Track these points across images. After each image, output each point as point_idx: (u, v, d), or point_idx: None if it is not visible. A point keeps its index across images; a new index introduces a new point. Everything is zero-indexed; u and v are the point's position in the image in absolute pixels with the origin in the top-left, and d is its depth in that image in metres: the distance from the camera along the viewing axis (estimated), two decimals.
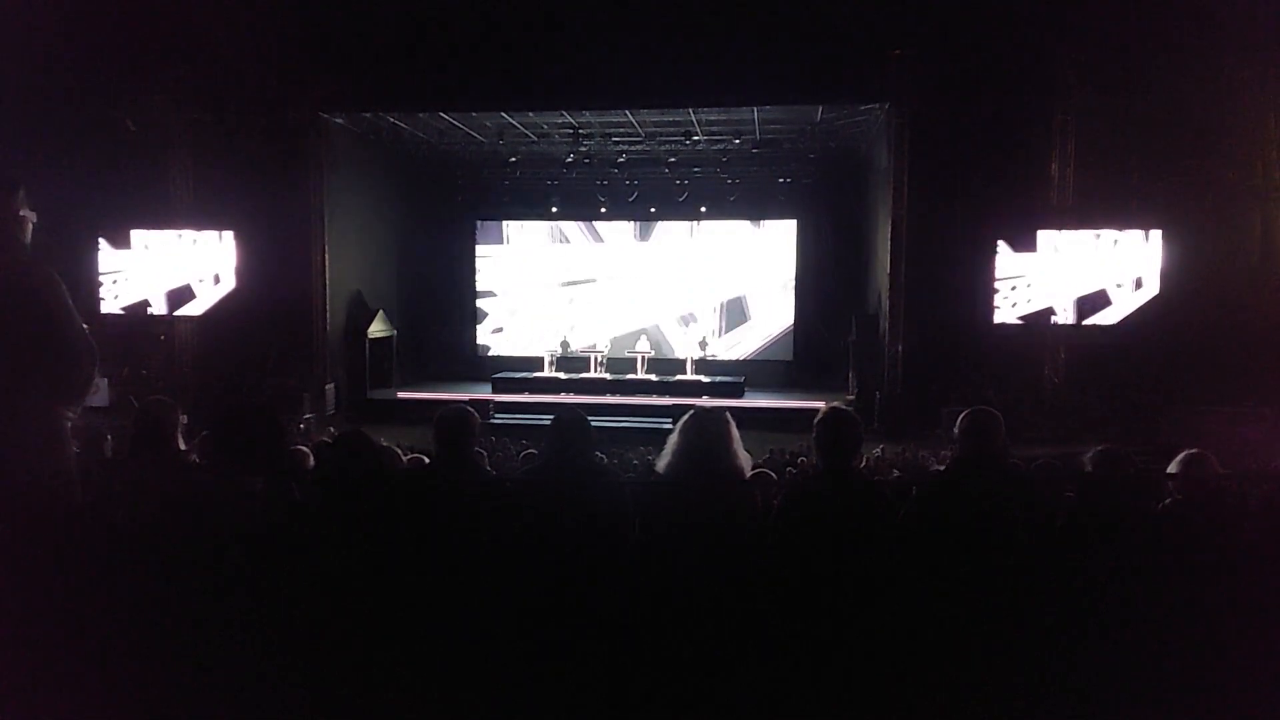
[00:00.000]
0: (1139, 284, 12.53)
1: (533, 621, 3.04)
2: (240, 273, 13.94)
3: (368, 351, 15.85)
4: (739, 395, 15.87)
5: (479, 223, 19.66)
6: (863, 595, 3.05)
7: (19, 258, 3.07)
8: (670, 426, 3.78)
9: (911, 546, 3.38)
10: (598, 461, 4.46)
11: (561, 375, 17.15)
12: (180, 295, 14.11)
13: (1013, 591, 3.03)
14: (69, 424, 3.12)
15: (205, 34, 12.83)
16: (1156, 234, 12.41)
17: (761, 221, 18.72)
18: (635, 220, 18.95)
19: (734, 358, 18.71)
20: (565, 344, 18.14)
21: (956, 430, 3.89)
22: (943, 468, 5.75)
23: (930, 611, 2.98)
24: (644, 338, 18.32)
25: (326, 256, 14.42)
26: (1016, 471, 4.23)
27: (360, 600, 3.13)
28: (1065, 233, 12.70)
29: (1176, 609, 2.95)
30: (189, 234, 14.00)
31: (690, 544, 3.22)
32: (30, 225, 3.15)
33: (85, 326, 3.09)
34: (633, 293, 19.24)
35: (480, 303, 19.81)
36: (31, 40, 11.99)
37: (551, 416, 4.01)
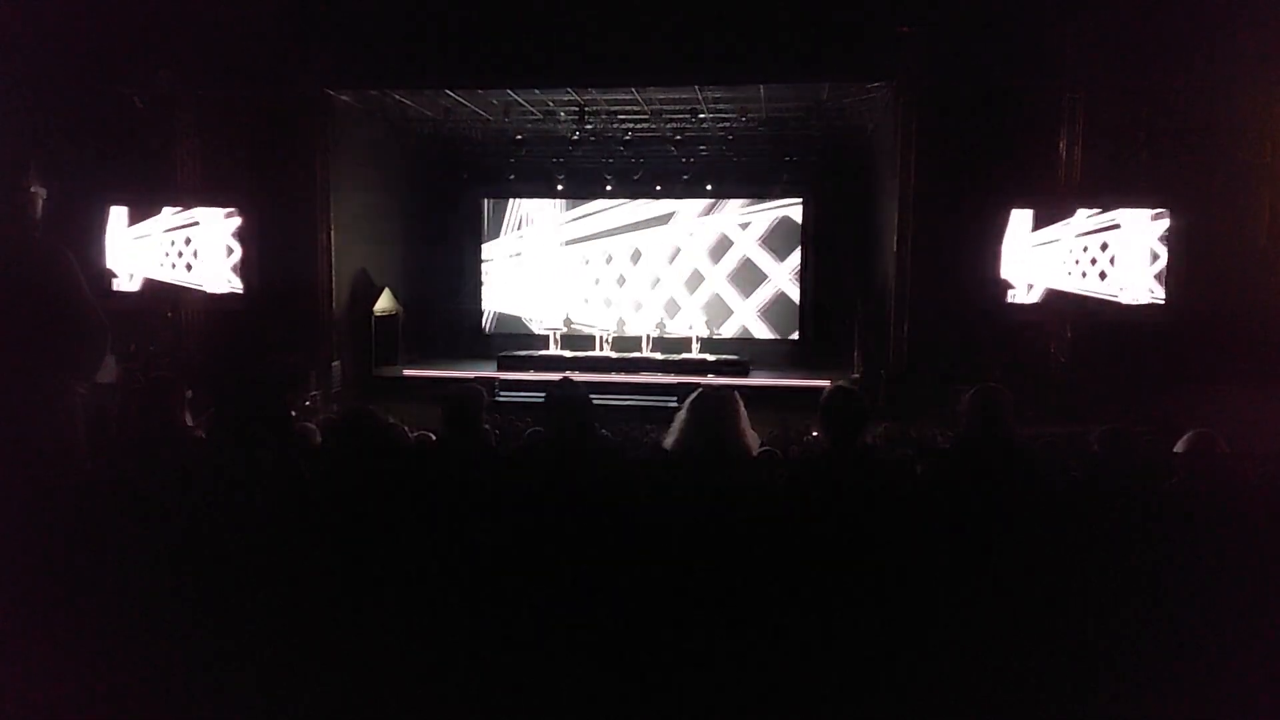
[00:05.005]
0: (1147, 263, 12.48)
1: (540, 598, 3.06)
2: (247, 249, 13.92)
3: (374, 329, 15.87)
4: (745, 374, 15.87)
5: (485, 200, 19.67)
6: (869, 573, 3.06)
7: (30, 233, 3.08)
8: (676, 405, 3.79)
9: (917, 524, 3.38)
10: (602, 437, 4.46)
11: (567, 353, 17.16)
12: (187, 272, 14.11)
13: (1019, 570, 3.04)
14: (79, 399, 3.13)
15: (212, 10, 12.80)
16: (1164, 213, 12.35)
17: (768, 200, 18.67)
18: (640, 198, 18.92)
19: (740, 336, 18.69)
20: (568, 321, 18.15)
21: (962, 408, 3.89)
22: (948, 446, 5.75)
23: (937, 589, 2.99)
24: (650, 316, 18.35)
25: (332, 234, 14.41)
26: (1023, 449, 4.23)
27: (368, 578, 3.14)
28: (1073, 212, 12.64)
29: (1182, 588, 2.95)
30: (196, 211, 13.98)
31: (697, 521, 3.23)
32: (40, 201, 3.16)
33: (95, 302, 3.10)
34: (638, 272, 19.23)
35: (486, 281, 19.84)
36: (40, 17, 11.95)
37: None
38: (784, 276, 18.79)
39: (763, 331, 18.88)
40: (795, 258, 18.70)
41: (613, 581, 3.07)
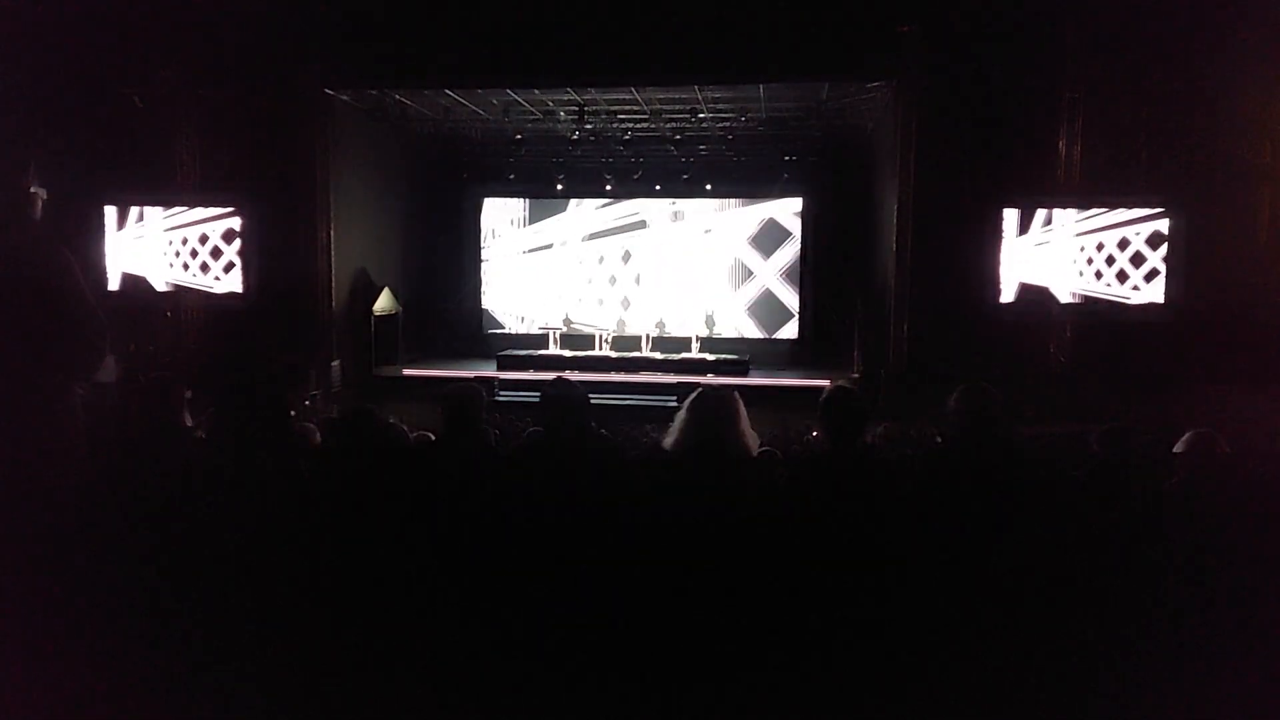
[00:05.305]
0: (1147, 263, 12.48)
1: (540, 598, 3.06)
2: (246, 249, 13.92)
3: (373, 328, 15.86)
4: (744, 373, 15.86)
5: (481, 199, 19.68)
6: (869, 572, 3.06)
7: (29, 234, 3.07)
8: (676, 404, 3.79)
9: (916, 524, 3.39)
10: (599, 436, 4.46)
11: (566, 353, 17.15)
12: (186, 271, 14.11)
13: (1018, 569, 3.04)
14: (79, 399, 3.13)
15: (212, 10, 12.81)
16: (1165, 212, 12.35)
17: (767, 199, 18.67)
18: (640, 198, 18.92)
19: (739, 336, 18.67)
20: (568, 320, 18.14)
21: (950, 407, 3.91)
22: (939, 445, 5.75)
23: (937, 588, 2.99)
24: (648, 315, 18.36)
25: (332, 233, 14.41)
26: (1013, 445, 4.23)
27: (367, 577, 3.14)
28: (1072, 211, 12.65)
29: (1182, 587, 2.95)
30: (196, 210, 13.98)
31: (696, 521, 3.23)
32: (40, 201, 3.15)
33: (95, 302, 3.10)
34: (639, 270, 19.23)
35: (485, 280, 19.85)
36: (39, 17, 11.95)
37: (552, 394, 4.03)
38: (779, 276, 18.78)
39: (757, 332, 18.87)
40: (791, 257, 18.69)
41: (613, 581, 3.07)
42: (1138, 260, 12.49)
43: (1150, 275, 12.45)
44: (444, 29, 12.97)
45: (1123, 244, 12.52)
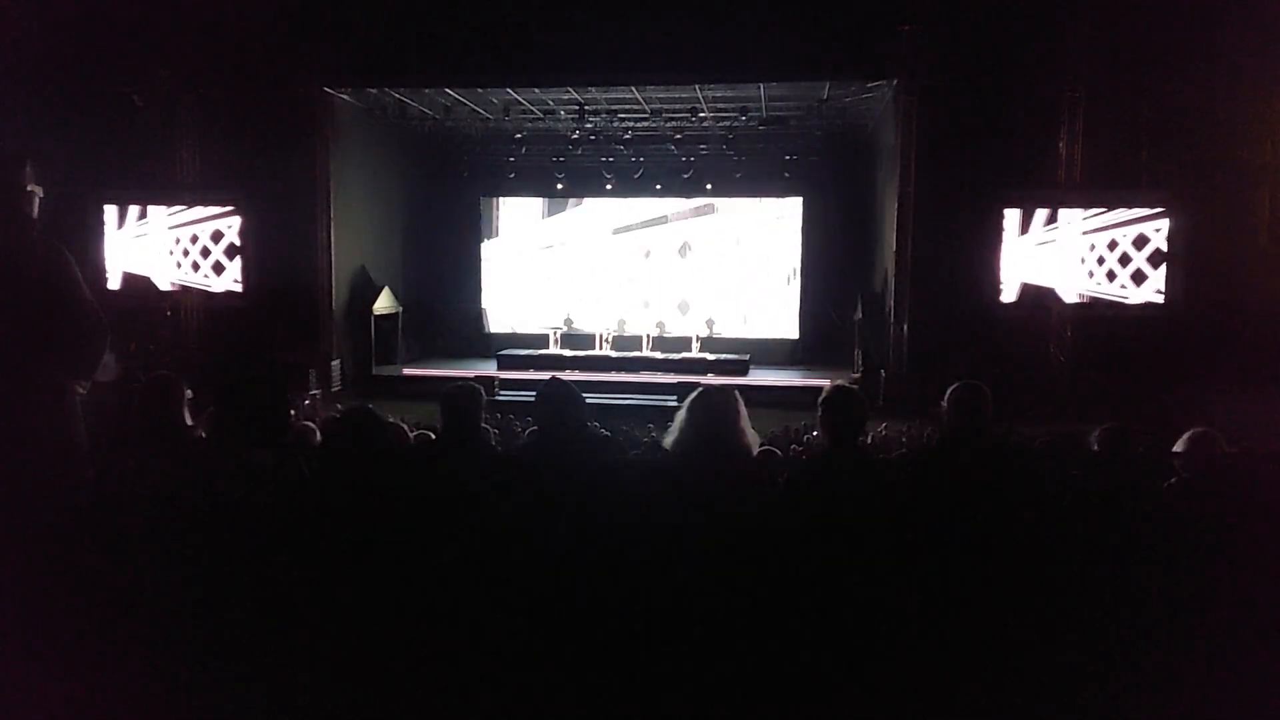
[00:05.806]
0: (1146, 262, 12.48)
1: (539, 598, 3.06)
2: (246, 248, 13.94)
3: (373, 328, 15.86)
4: (744, 373, 15.86)
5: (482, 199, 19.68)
6: (868, 572, 3.06)
7: (27, 233, 3.07)
8: (676, 404, 3.79)
9: (913, 522, 3.38)
10: (599, 437, 4.46)
11: (566, 353, 17.14)
12: (186, 270, 14.11)
13: (1016, 569, 3.04)
14: (79, 399, 3.13)
15: (212, 9, 12.82)
16: (1165, 212, 12.35)
17: (767, 199, 18.66)
18: (640, 197, 18.90)
19: (740, 336, 18.65)
20: (569, 320, 18.13)
21: (944, 406, 3.92)
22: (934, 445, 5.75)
23: (936, 587, 2.99)
24: (651, 315, 18.35)
25: (332, 232, 14.40)
26: (1006, 444, 4.23)
27: (367, 577, 3.14)
28: (1073, 211, 12.65)
29: (1182, 587, 2.95)
30: (195, 209, 13.98)
31: (697, 521, 3.23)
32: (37, 200, 3.15)
33: (95, 301, 3.10)
34: (639, 270, 19.23)
35: (487, 278, 19.83)
36: (40, 17, 11.96)
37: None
38: (781, 276, 18.80)
39: (758, 331, 18.86)
40: (794, 257, 18.70)
41: (612, 579, 3.07)
42: (1136, 260, 12.49)
43: (1148, 275, 12.45)
44: (444, 28, 12.97)
45: (1117, 244, 12.53)
